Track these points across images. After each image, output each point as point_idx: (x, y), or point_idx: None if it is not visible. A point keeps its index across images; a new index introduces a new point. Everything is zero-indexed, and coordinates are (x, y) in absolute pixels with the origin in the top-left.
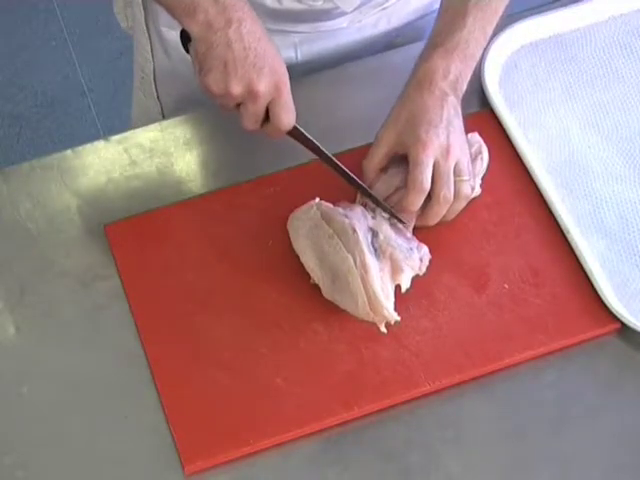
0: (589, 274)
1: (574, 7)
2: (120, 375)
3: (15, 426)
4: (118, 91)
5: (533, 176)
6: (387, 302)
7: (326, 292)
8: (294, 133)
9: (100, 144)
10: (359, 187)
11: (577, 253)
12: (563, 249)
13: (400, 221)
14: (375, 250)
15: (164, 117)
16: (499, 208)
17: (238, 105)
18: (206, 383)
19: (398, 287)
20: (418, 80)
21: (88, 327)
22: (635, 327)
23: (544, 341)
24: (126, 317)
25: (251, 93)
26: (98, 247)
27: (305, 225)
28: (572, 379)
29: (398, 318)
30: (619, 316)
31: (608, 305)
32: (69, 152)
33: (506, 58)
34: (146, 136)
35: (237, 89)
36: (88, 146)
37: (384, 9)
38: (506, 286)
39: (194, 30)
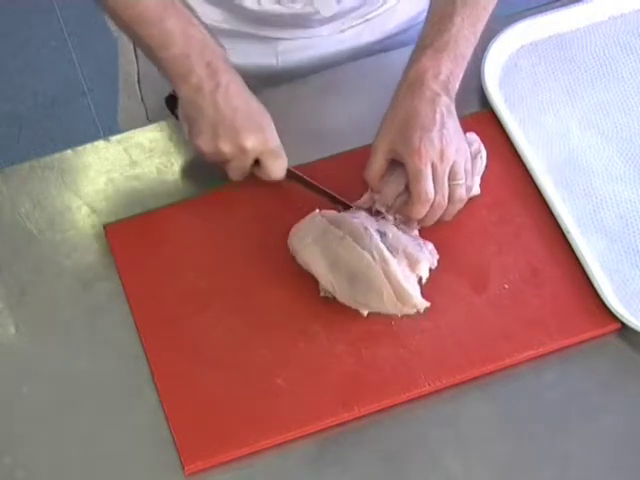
0: (589, 274)
1: (574, 7)
2: (120, 375)
3: (15, 426)
4: (118, 91)
5: (533, 176)
6: (414, 290)
7: (342, 296)
8: (289, 176)
9: (100, 144)
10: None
11: (577, 253)
12: (563, 249)
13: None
14: (387, 249)
15: (149, 119)
16: (499, 208)
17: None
18: (206, 383)
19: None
20: (409, 83)
21: (88, 327)
22: (635, 327)
23: (544, 341)
24: (126, 317)
25: (240, 150)
26: (98, 247)
27: (311, 233)
28: (572, 379)
29: (428, 304)
30: (619, 316)
31: (608, 305)
32: (69, 152)
33: (506, 58)
34: (146, 136)
35: (227, 148)
36: (88, 146)
37: (367, 20)
38: (506, 286)
39: (185, 93)
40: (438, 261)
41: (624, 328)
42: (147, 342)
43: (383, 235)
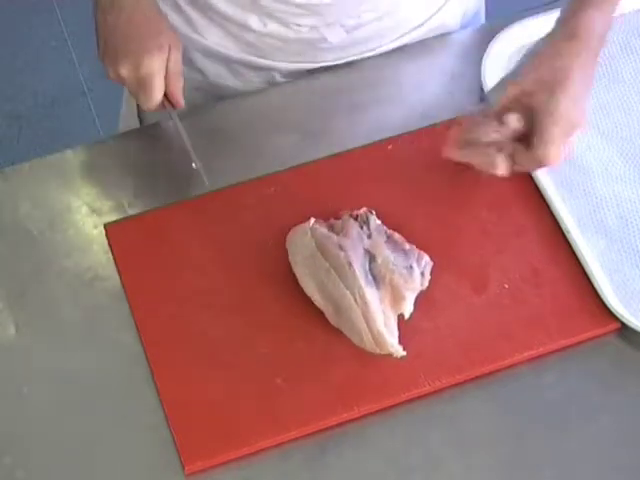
0: (589, 274)
1: None
2: (120, 375)
3: (15, 426)
4: (118, 91)
5: (533, 176)
6: (392, 338)
7: (331, 320)
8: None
9: (100, 144)
10: None
11: (577, 253)
12: (563, 249)
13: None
14: (374, 277)
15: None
16: (499, 208)
17: None
18: (206, 383)
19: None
20: (570, 33)
21: (88, 327)
22: (635, 327)
23: (544, 341)
24: (126, 317)
25: (117, 75)
26: (98, 247)
27: (301, 252)
28: (572, 379)
29: (404, 353)
30: (619, 316)
31: (608, 305)
32: (69, 152)
33: (506, 58)
34: (146, 136)
35: (110, 72)
36: (88, 146)
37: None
38: (506, 286)
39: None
40: (433, 268)
41: (624, 328)
42: (147, 342)
43: (372, 259)
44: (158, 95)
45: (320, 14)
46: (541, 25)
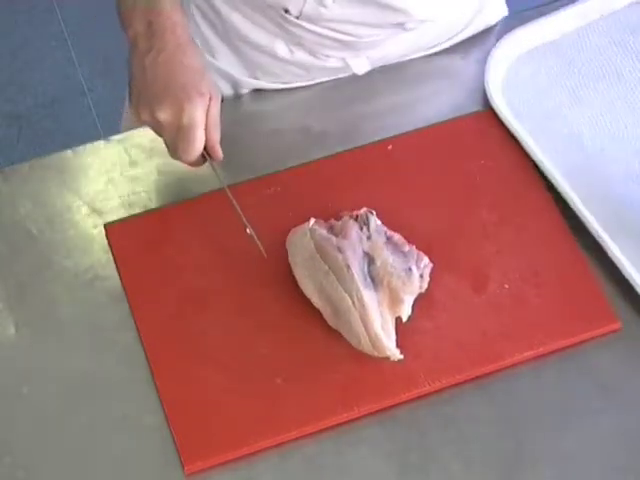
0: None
1: (563, 11)
2: (120, 375)
3: (15, 426)
4: (118, 91)
5: (533, 175)
6: (389, 341)
7: (329, 321)
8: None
9: (100, 144)
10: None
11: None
12: (563, 249)
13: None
14: (372, 280)
15: None
16: (499, 208)
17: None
18: (206, 383)
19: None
20: None
21: (88, 327)
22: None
23: (544, 341)
24: (126, 317)
25: (155, 122)
26: (98, 247)
27: (301, 254)
28: (572, 379)
29: (401, 357)
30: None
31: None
32: (69, 152)
33: (508, 59)
34: (146, 136)
35: (145, 116)
36: (88, 146)
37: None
38: (506, 286)
39: (128, 42)
40: (433, 268)
41: (624, 328)
42: (147, 342)
43: (371, 261)
44: (200, 146)
45: (353, 49)
46: (533, 33)
